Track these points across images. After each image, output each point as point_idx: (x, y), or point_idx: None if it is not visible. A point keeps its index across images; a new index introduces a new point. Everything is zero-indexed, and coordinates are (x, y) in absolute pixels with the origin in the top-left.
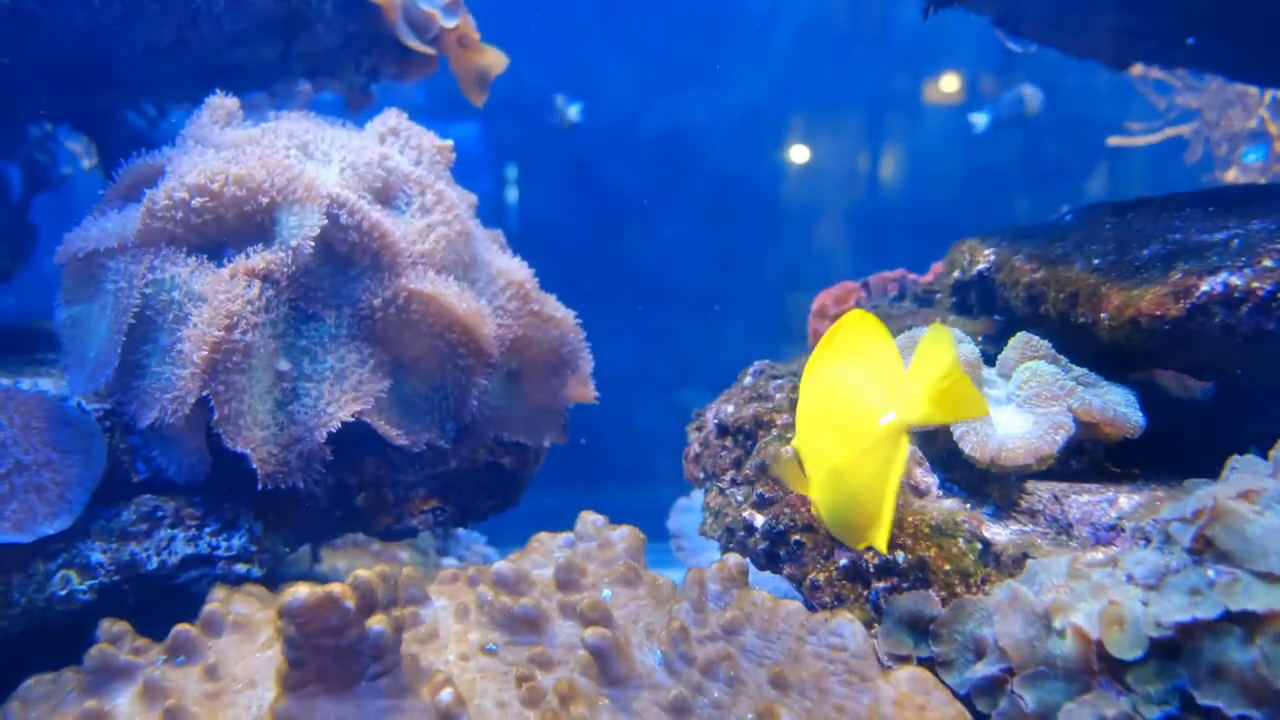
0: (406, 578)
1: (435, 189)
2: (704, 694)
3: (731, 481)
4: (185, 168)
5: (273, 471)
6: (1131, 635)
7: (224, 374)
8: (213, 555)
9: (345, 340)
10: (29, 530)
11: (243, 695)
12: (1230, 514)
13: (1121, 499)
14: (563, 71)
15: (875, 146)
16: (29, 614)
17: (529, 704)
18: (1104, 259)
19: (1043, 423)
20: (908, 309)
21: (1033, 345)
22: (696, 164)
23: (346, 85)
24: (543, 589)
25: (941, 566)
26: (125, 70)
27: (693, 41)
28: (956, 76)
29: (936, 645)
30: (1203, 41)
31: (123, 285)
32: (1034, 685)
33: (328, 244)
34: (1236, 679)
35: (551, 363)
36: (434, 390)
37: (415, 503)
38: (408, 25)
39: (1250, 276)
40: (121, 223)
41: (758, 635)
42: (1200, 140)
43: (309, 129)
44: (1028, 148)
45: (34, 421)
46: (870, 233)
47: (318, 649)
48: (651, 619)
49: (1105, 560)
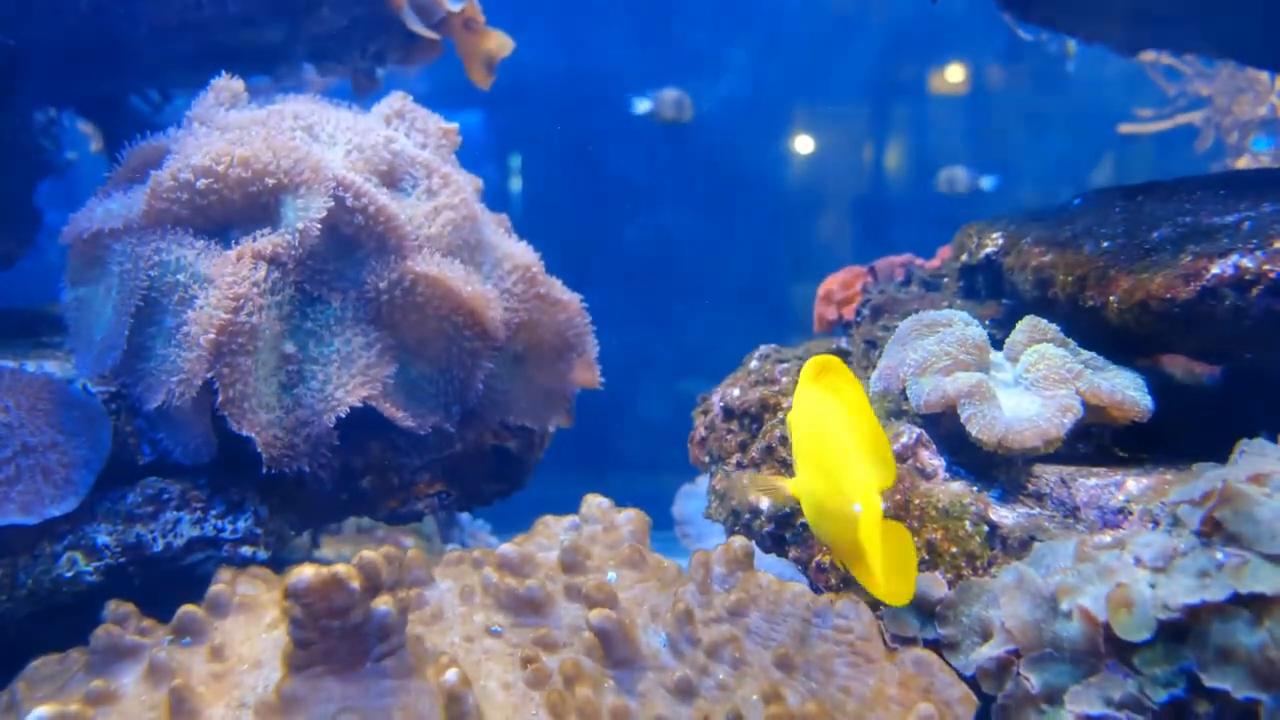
0: (411, 559)
1: (442, 172)
2: (709, 675)
3: (737, 465)
4: (190, 149)
5: (278, 455)
6: (1139, 617)
7: (230, 356)
8: (218, 538)
9: (351, 323)
10: (35, 512)
11: (249, 675)
12: (1239, 497)
13: (1129, 482)
14: (567, 57)
15: (880, 135)
16: (35, 595)
17: (534, 685)
18: (1113, 242)
19: (1050, 405)
20: (914, 294)
21: (1040, 328)
22: (701, 151)
23: (351, 69)
24: (548, 571)
25: (948, 549)
26: (130, 53)
27: (699, 29)
28: (962, 66)
29: (942, 627)
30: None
31: (128, 267)
32: (1040, 667)
33: (334, 226)
34: (1244, 661)
35: (557, 346)
36: (439, 373)
37: (421, 486)
38: (413, 9)
39: (1261, 259)
40: (127, 204)
41: (763, 617)
42: (1210, 128)
43: (314, 111)
44: (1034, 136)
45: (40, 404)
46: (875, 220)
47: (323, 630)
48: (656, 601)
49: (1113, 543)
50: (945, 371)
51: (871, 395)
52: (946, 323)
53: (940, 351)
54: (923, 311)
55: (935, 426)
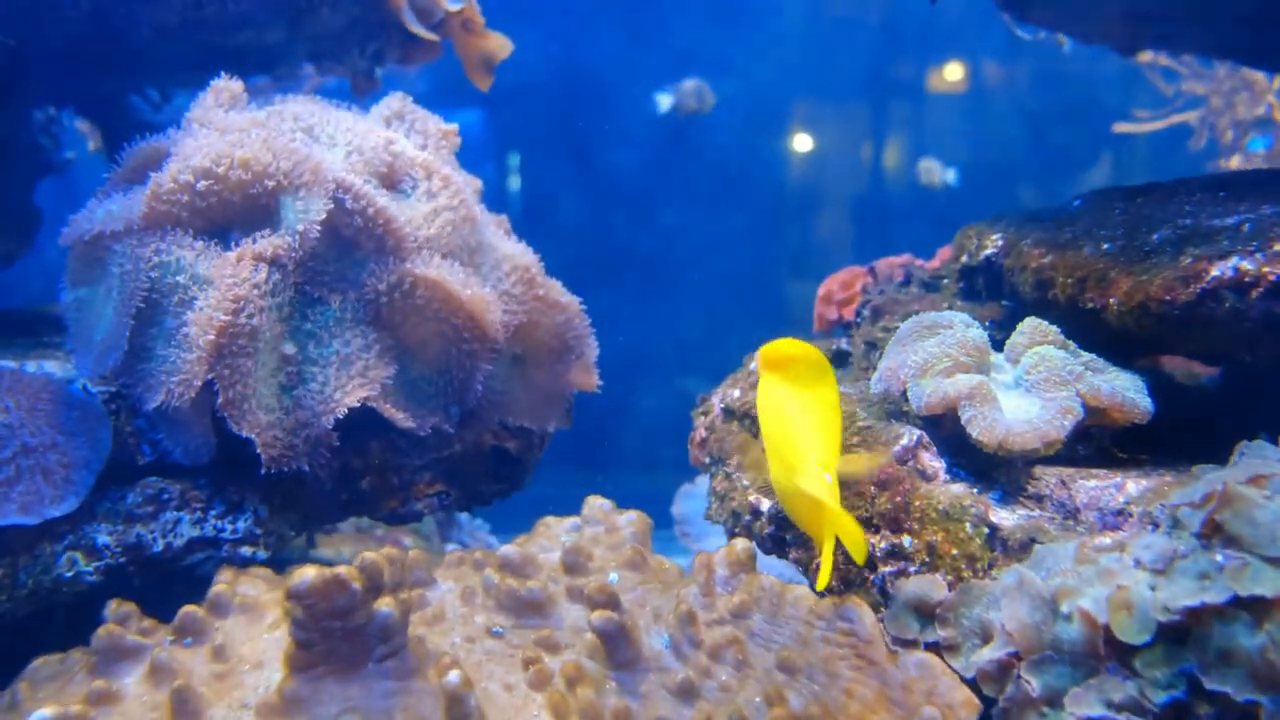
0: (413, 560)
1: (441, 174)
2: (711, 677)
3: (738, 466)
4: (190, 150)
5: (278, 455)
6: (1139, 620)
7: (230, 358)
8: (218, 538)
9: (350, 324)
10: (36, 512)
11: (250, 676)
12: (1240, 499)
13: (1129, 484)
14: (565, 56)
15: (879, 134)
16: (36, 595)
17: (536, 686)
18: (1113, 244)
19: (1050, 407)
20: (914, 294)
21: (1041, 330)
22: (700, 151)
23: (350, 69)
24: (549, 572)
25: (948, 551)
26: (130, 53)
27: (697, 28)
28: (961, 64)
29: (943, 629)
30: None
31: (129, 268)
32: (1041, 669)
33: (333, 228)
34: (1245, 664)
35: (556, 348)
36: (439, 374)
37: (420, 486)
38: (412, 10)
39: (1261, 261)
40: (127, 206)
41: (766, 619)
42: (1205, 127)
43: (314, 112)
44: (1032, 135)
45: (40, 404)
46: (873, 220)
47: (325, 631)
48: (658, 603)
49: (1113, 545)
50: (946, 373)
51: (872, 397)
52: (947, 324)
53: (941, 353)
54: (923, 313)
55: (936, 428)
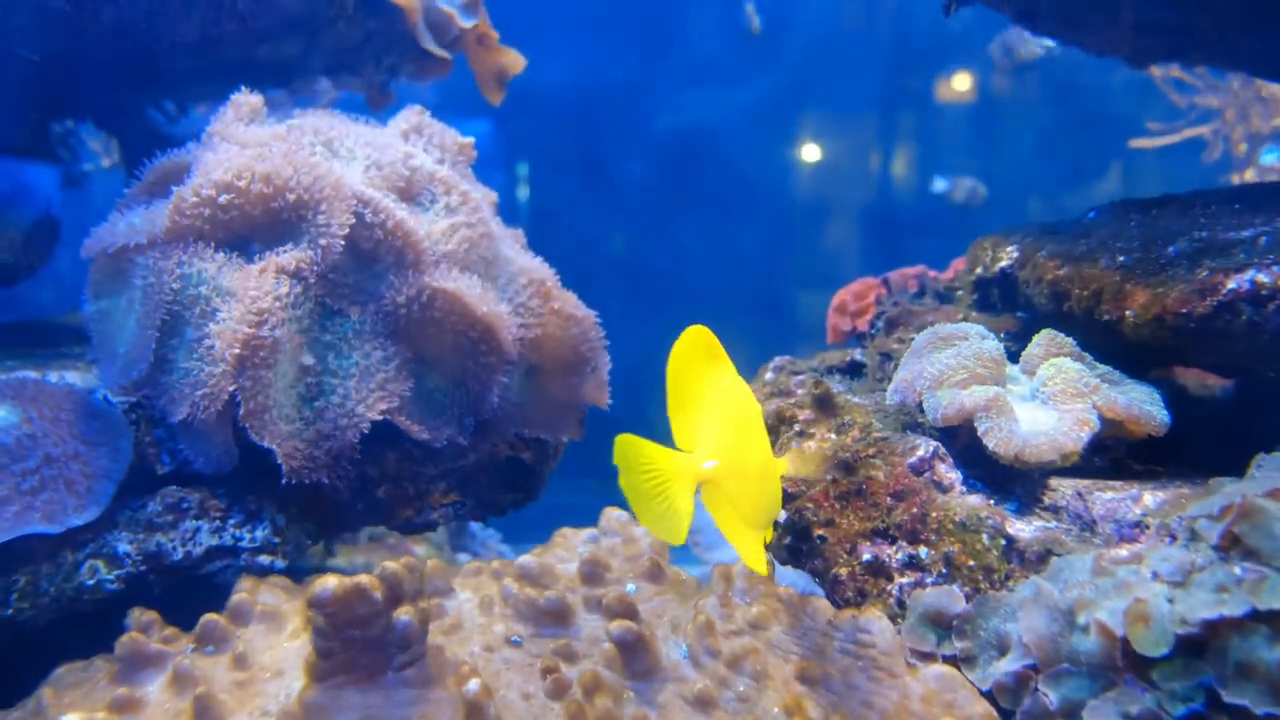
0: (431, 570)
1: (460, 190)
2: (729, 688)
3: None
4: (212, 165)
5: (298, 466)
6: (1157, 632)
7: (252, 370)
8: (237, 546)
9: (370, 336)
10: (59, 521)
11: (271, 684)
12: (1259, 511)
13: (1146, 496)
14: (577, 70)
15: (889, 145)
16: (58, 603)
17: (554, 695)
18: (1129, 256)
19: (1067, 419)
20: (929, 305)
21: (1057, 342)
22: (711, 162)
23: (366, 83)
24: (567, 583)
25: (965, 562)
26: (150, 67)
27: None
28: (969, 75)
29: (960, 641)
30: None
31: (152, 281)
32: (1059, 682)
33: (353, 241)
34: (1264, 677)
35: (571, 361)
36: (455, 386)
37: (435, 496)
38: (427, 26)
39: (1277, 274)
40: (149, 219)
41: (784, 630)
42: (1219, 140)
43: (333, 126)
44: (1043, 147)
45: (63, 414)
46: (884, 232)
47: (346, 639)
48: (676, 614)
49: (1130, 557)
50: (962, 385)
51: (888, 408)
52: (963, 336)
53: (957, 365)
54: (939, 325)
55: (952, 440)
